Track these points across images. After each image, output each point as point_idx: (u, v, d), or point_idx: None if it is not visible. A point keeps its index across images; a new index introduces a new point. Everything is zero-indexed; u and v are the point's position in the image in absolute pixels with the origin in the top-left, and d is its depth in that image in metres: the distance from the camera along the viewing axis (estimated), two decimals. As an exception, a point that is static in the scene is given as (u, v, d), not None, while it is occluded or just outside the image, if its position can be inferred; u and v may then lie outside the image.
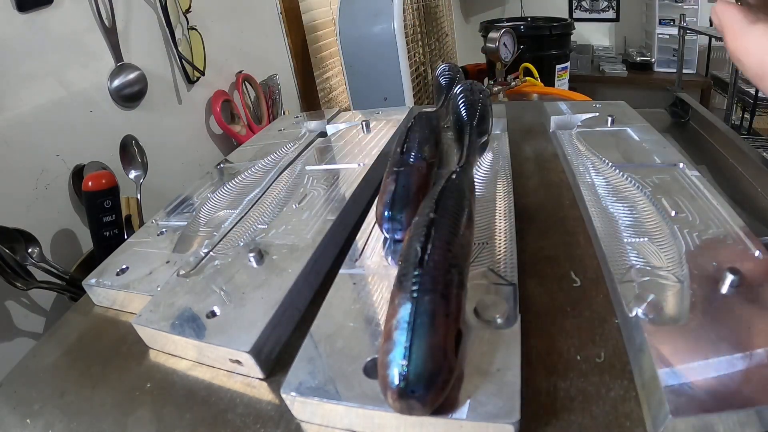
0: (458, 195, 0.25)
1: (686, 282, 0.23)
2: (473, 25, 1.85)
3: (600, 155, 0.38)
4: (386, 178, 0.31)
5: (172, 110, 0.70)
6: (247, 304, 0.27)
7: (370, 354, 0.22)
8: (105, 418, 0.24)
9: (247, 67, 0.85)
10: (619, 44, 2.04)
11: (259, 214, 0.37)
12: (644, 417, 0.20)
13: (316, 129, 0.56)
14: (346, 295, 0.26)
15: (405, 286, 0.20)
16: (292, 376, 0.22)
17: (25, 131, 0.49)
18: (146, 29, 0.64)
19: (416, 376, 0.17)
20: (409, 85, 0.91)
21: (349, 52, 0.94)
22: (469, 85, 0.41)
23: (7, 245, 0.43)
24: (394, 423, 0.20)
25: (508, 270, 0.26)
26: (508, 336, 0.22)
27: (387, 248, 0.30)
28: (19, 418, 0.25)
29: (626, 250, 0.27)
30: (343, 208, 0.35)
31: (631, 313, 0.22)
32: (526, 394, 0.20)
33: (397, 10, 0.86)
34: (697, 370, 0.19)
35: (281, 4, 0.95)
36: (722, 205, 0.29)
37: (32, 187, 0.50)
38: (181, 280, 0.30)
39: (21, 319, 0.49)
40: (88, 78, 0.56)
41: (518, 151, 0.46)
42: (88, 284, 0.33)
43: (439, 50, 1.18)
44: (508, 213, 0.32)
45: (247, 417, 0.23)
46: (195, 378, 0.26)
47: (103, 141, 0.57)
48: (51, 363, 0.29)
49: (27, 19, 0.49)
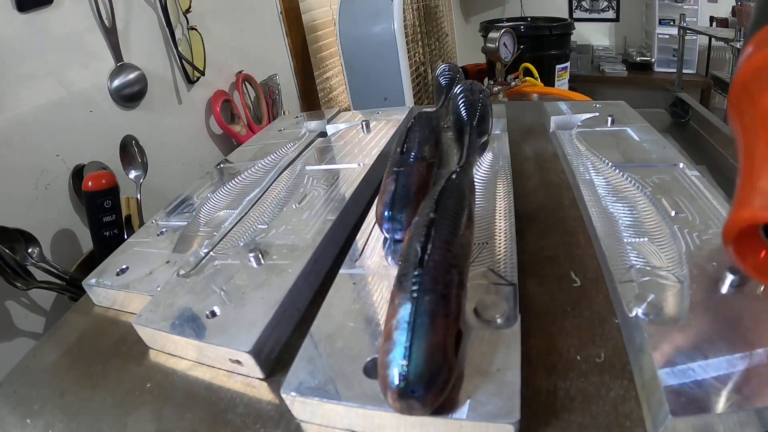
0: (458, 195, 0.25)
1: (686, 282, 0.23)
2: (473, 25, 1.85)
3: (600, 155, 0.38)
4: (386, 178, 0.31)
5: (172, 110, 0.70)
6: (247, 304, 0.27)
7: (370, 354, 0.22)
8: (105, 418, 0.24)
9: (247, 67, 0.85)
10: (619, 44, 2.04)
11: (259, 214, 0.37)
12: (644, 417, 0.20)
13: (316, 129, 0.56)
14: (346, 295, 0.26)
15: (405, 286, 0.20)
16: (292, 376, 0.22)
17: (25, 131, 0.49)
18: (146, 29, 0.64)
19: (416, 376, 0.17)
20: (409, 85, 0.91)
21: (349, 52, 0.94)
22: (469, 85, 0.41)
23: (7, 245, 0.43)
24: (394, 423, 0.20)
25: (508, 270, 0.26)
26: (508, 336, 0.22)
27: (387, 248, 0.30)
28: (19, 418, 0.25)
29: (626, 250, 0.27)
30: (343, 208, 0.35)
31: (631, 313, 0.22)
32: (526, 394, 0.20)
33: (397, 10, 0.86)
34: (697, 370, 0.19)
35: (281, 4, 0.95)
36: (722, 205, 0.29)
37: (32, 187, 0.50)
38: (181, 280, 0.30)
39: (21, 319, 0.49)
40: (88, 78, 0.56)
41: (518, 151, 0.46)
42: (88, 284, 0.33)
43: (439, 50, 1.18)
44: (508, 213, 0.32)
45: (247, 417, 0.23)
46: (195, 378, 0.26)
47: (103, 141, 0.57)
48: (51, 363, 0.29)
49: (27, 19, 0.49)
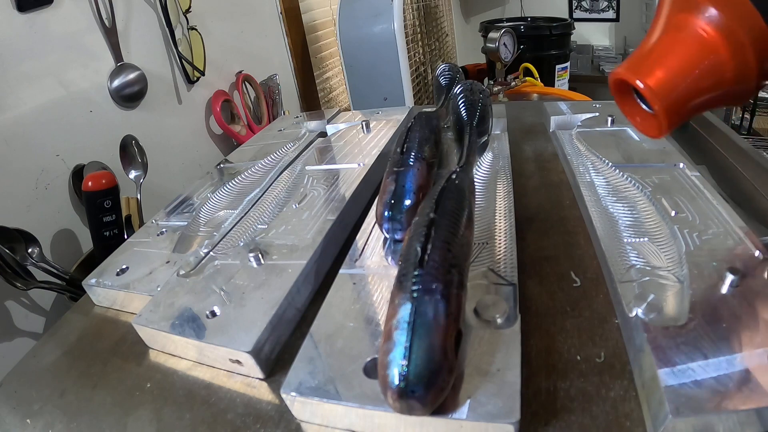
0: (458, 195, 0.25)
1: (686, 282, 0.23)
2: (473, 25, 1.85)
3: (600, 155, 0.38)
4: (386, 178, 0.31)
5: (172, 110, 0.70)
6: (247, 304, 0.27)
7: (370, 354, 0.22)
8: (105, 417, 0.24)
9: (247, 67, 0.85)
10: (619, 44, 2.03)
11: (259, 214, 0.37)
12: (644, 417, 0.20)
13: (316, 129, 0.56)
14: (346, 295, 0.26)
15: (405, 286, 0.20)
16: (292, 376, 0.22)
17: (25, 131, 0.49)
18: (146, 29, 0.64)
19: (416, 376, 0.17)
20: (409, 85, 0.91)
21: (349, 52, 0.94)
22: (469, 85, 0.41)
23: (7, 245, 0.43)
24: (394, 423, 0.20)
25: (508, 270, 0.26)
26: (508, 336, 0.22)
27: (387, 248, 0.30)
28: (19, 418, 0.25)
29: (626, 250, 0.27)
30: (343, 208, 0.35)
31: (631, 313, 0.22)
32: (526, 394, 0.20)
33: (397, 10, 0.86)
34: (697, 370, 0.19)
35: (281, 4, 0.95)
36: (722, 205, 0.29)
37: (32, 187, 0.50)
38: (181, 280, 0.30)
39: (21, 319, 0.49)
40: (88, 78, 0.56)
41: (518, 151, 0.46)
42: (88, 284, 0.33)
43: (439, 50, 1.18)
44: (508, 213, 0.32)
45: (247, 417, 0.23)
46: (195, 378, 0.26)
47: (103, 141, 0.57)
48: (51, 363, 0.29)
49: (27, 19, 0.49)
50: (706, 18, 0.20)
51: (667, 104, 0.20)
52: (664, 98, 0.20)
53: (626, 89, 0.23)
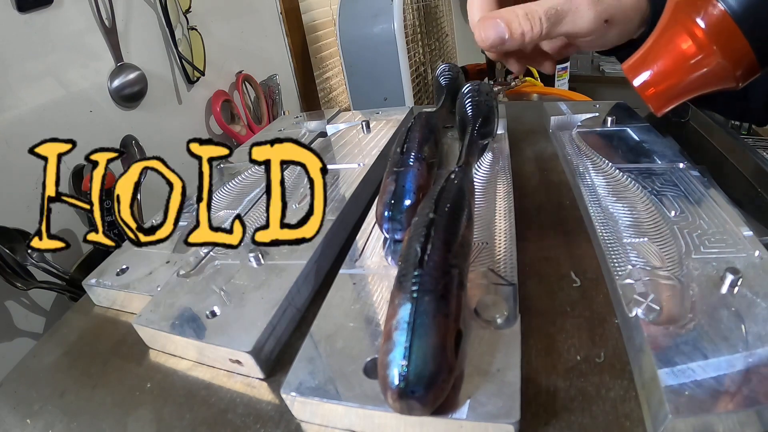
0: (458, 195, 0.25)
1: (686, 282, 0.23)
2: (473, 25, 1.85)
3: (600, 155, 0.38)
4: (386, 178, 0.31)
5: (172, 110, 0.70)
6: (247, 304, 0.27)
7: (370, 354, 0.22)
8: (105, 418, 0.24)
9: (247, 67, 0.85)
10: (619, 44, 2.03)
11: (259, 214, 0.37)
12: (644, 417, 0.20)
13: (316, 129, 0.56)
14: (346, 295, 0.26)
15: (405, 286, 0.20)
16: (292, 376, 0.22)
17: (25, 131, 0.49)
18: (146, 29, 0.64)
19: (416, 377, 0.17)
20: (409, 85, 0.91)
21: (349, 52, 0.94)
22: (477, 86, 0.41)
23: (7, 245, 0.43)
24: (394, 423, 0.20)
25: (508, 270, 0.26)
26: (508, 336, 0.22)
27: (387, 248, 0.30)
28: (19, 418, 0.25)
29: (626, 250, 0.27)
30: (343, 208, 0.35)
31: (631, 313, 0.22)
32: (526, 394, 0.20)
33: (397, 10, 0.86)
34: (697, 370, 0.19)
35: (281, 4, 0.95)
36: (722, 205, 0.29)
37: (32, 187, 0.50)
38: (181, 280, 0.30)
39: (21, 319, 0.49)
40: (88, 78, 0.56)
41: (518, 151, 0.46)
42: (88, 284, 0.33)
43: (439, 50, 1.18)
44: (508, 213, 0.32)
45: (247, 417, 0.23)
46: (195, 378, 0.26)
47: (103, 141, 0.57)
48: (51, 363, 0.29)
49: (27, 19, 0.49)
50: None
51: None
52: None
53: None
